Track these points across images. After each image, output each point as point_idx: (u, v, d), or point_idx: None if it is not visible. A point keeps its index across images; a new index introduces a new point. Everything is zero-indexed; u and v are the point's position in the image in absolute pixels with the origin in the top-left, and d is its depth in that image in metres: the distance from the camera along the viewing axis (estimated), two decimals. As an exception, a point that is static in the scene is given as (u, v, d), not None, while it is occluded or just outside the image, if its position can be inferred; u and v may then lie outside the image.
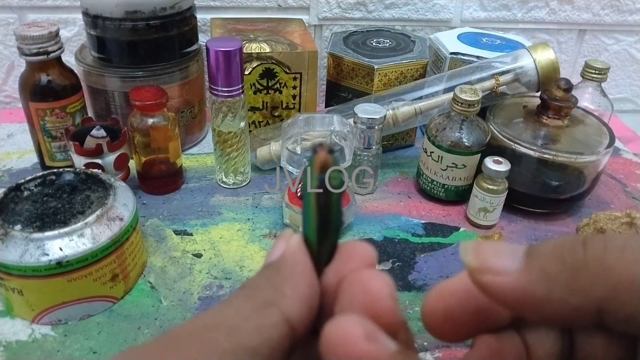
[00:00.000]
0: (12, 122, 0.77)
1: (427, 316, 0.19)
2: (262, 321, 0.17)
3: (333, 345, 0.16)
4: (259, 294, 0.18)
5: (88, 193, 0.49)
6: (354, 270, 0.18)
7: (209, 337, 0.16)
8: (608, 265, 0.16)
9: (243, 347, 0.16)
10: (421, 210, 0.64)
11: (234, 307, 0.17)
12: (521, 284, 0.17)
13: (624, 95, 0.99)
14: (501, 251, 0.18)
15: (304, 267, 0.19)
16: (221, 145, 0.62)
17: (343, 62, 0.69)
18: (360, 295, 0.17)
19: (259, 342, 0.16)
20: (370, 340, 0.16)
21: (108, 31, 0.62)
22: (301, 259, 0.19)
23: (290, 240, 0.19)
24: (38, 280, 0.43)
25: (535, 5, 0.87)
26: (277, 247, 0.20)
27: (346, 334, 0.16)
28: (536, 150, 0.58)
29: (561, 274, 0.16)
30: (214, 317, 0.17)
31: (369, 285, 0.17)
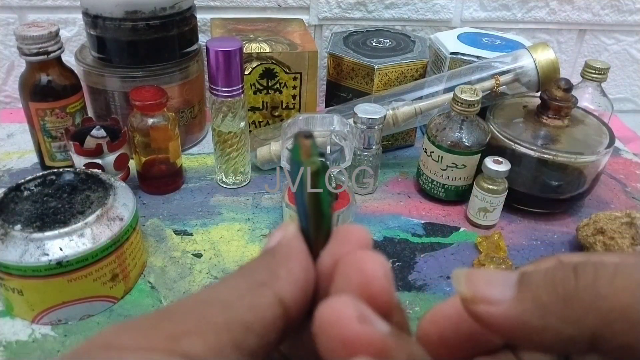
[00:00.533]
0: (12, 122, 0.77)
1: (423, 341, 0.20)
2: (256, 300, 0.17)
3: (325, 326, 0.16)
4: (254, 275, 0.18)
5: (88, 193, 0.49)
6: (350, 252, 0.18)
7: (204, 312, 0.16)
8: (599, 294, 0.16)
9: (237, 322, 0.16)
10: (421, 210, 0.64)
11: (229, 285, 0.18)
12: (514, 314, 0.17)
13: (624, 95, 0.99)
14: (493, 280, 0.18)
15: (298, 252, 0.19)
16: (221, 145, 0.62)
17: (343, 62, 0.69)
18: (355, 276, 0.17)
19: (252, 319, 0.17)
20: (363, 322, 0.16)
21: (108, 31, 0.62)
22: (296, 244, 0.19)
23: (287, 228, 0.20)
24: (38, 280, 0.43)
25: (535, 5, 0.87)
26: (275, 236, 0.20)
27: (339, 315, 0.16)
28: (536, 150, 0.58)
29: (554, 304, 0.16)
30: (208, 294, 0.18)
31: (363, 265, 0.17)
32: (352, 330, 0.15)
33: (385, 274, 0.17)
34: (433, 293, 0.52)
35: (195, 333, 0.16)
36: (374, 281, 0.17)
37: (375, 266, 0.17)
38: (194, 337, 0.16)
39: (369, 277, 0.17)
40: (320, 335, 0.16)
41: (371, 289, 0.17)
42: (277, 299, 0.17)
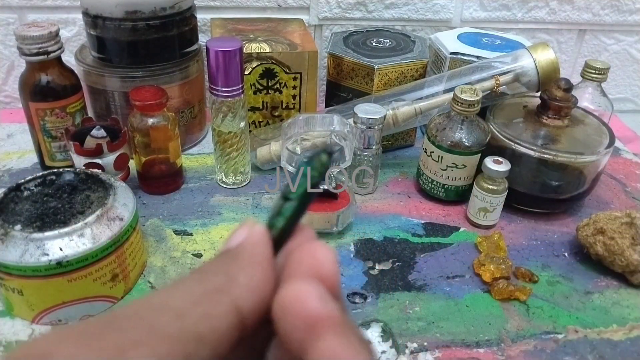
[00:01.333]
0: (12, 122, 0.77)
1: None
2: (211, 308, 0.16)
3: (288, 307, 0.16)
4: (211, 279, 0.17)
5: (88, 193, 0.49)
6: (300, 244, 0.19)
7: (154, 320, 0.16)
8: None
9: (189, 333, 0.16)
10: (421, 210, 0.64)
11: (183, 290, 0.17)
12: None
13: (624, 95, 0.99)
14: None
15: (263, 258, 0.18)
16: (221, 145, 0.62)
17: (343, 62, 0.69)
18: (308, 261, 0.18)
19: (206, 330, 0.16)
20: (323, 301, 0.16)
21: (108, 31, 0.62)
22: (262, 250, 0.18)
23: (253, 229, 0.19)
24: (38, 280, 0.43)
25: (535, 5, 0.87)
26: (238, 234, 0.19)
27: (302, 295, 0.16)
28: (536, 150, 0.58)
29: None
30: (160, 298, 0.17)
31: (315, 252, 0.18)
32: (315, 308, 0.16)
33: (334, 259, 0.18)
34: (433, 293, 0.52)
35: (144, 344, 0.15)
36: (325, 265, 0.18)
37: (326, 252, 0.18)
38: (143, 349, 0.15)
39: (320, 261, 0.18)
40: (282, 317, 0.16)
41: (322, 273, 0.18)
42: (233, 307, 0.17)
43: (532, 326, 0.49)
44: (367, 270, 0.54)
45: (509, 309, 0.51)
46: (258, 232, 0.19)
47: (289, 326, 0.16)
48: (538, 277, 0.54)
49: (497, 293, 0.51)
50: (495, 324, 0.49)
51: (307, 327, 0.16)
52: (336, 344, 0.16)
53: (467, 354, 0.46)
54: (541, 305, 0.51)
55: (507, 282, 0.52)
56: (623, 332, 0.49)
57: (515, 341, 0.47)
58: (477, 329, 0.48)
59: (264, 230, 0.19)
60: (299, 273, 0.18)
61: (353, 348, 0.16)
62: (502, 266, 0.52)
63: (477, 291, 0.52)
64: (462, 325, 0.48)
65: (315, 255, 0.18)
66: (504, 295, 0.51)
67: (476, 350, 0.46)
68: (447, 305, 0.50)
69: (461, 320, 0.49)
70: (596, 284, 0.54)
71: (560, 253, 0.58)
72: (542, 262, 0.57)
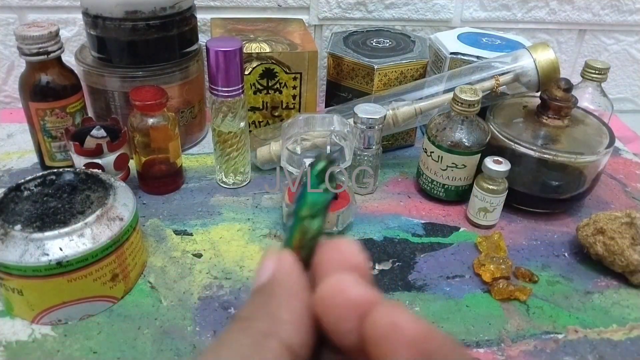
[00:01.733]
0: (12, 122, 0.77)
1: None
2: (263, 356, 0.16)
3: (330, 301, 0.17)
4: (255, 326, 0.17)
5: (88, 193, 0.49)
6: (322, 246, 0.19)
7: None
8: None
9: None
10: (421, 210, 0.64)
11: (231, 346, 0.17)
12: None
13: (624, 95, 0.99)
14: None
15: (299, 287, 0.18)
16: (221, 145, 0.62)
17: (343, 62, 0.69)
18: (335, 257, 0.18)
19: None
20: (360, 285, 0.17)
21: (108, 31, 0.62)
22: (295, 279, 0.18)
23: (282, 259, 0.19)
24: (38, 280, 0.43)
25: (535, 5, 0.87)
26: (266, 268, 0.19)
27: (338, 286, 0.17)
28: (536, 150, 0.58)
29: None
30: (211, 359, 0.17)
31: (339, 247, 0.19)
32: (357, 293, 0.17)
33: (358, 250, 0.19)
34: (433, 293, 0.52)
35: None
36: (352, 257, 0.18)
37: (349, 244, 0.19)
38: None
39: (346, 254, 0.18)
40: (327, 313, 0.17)
41: (351, 264, 0.18)
42: (284, 346, 0.17)
43: (532, 326, 0.49)
44: (367, 270, 0.54)
45: (509, 309, 0.51)
46: (287, 261, 0.19)
47: (336, 320, 0.17)
48: (538, 277, 0.54)
49: (497, 293, 0.51)
50: (495, 324, 0.49)
51: (355, 312, 0.16)
52: (388, 309, 0.16)
53: (467, 354, 0.46)
54: (541, 305, 0.51)
55: (507, 282, 0.52)
56: (623, 332, 0.49)
57: (515, 341, 0.47)
58: (477, 329, 0.48)
59: (292, 257, 0.19)
60: (330, 270, 0.18)
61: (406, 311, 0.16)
62: (502, 266, 0.52)
63: (477, 291, 0.52)
64: (462, 325, 0.48)
65: (340, 249, 0.18)
66: (504, 295, 0.51)
67: (476, 350, 0.46)
68: (447, 305, 0.50)
69: (461, 320, 0.49)
70: (596, 284, 0.54)
71: (560, 253, 0.58)
72: (542, 262, 0.57)
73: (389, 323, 0.16)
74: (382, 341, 0.16)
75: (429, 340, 0.16)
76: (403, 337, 0.16)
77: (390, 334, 0.16)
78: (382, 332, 0.16)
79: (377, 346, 0.16)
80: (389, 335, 0.16)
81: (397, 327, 0.16)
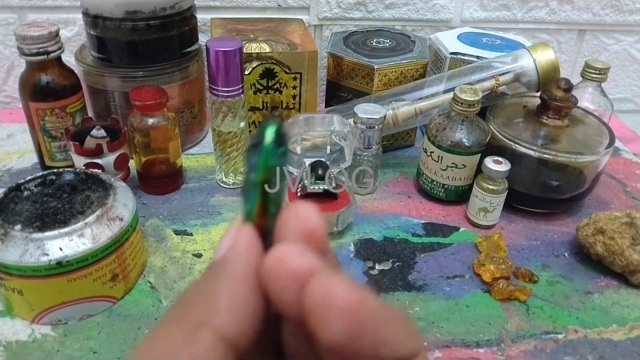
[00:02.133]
0: (12, 122, 0.77)
1: None
2: (194, 349, 0.16)
3: (272, 269, 0.16)
4: (191, 315, 0.16)
5: (88, 193, 0.49)
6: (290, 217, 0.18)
7: None
8: None
9: None
10: (421, 210, 0.64)
11: (164, 337, 0.16)
12: None
13: (624, 95, 0.99)
14: None
15: (247, 268, 0.17)
16: (221, 145, 0.62)
17: (343, 62, 0.69)
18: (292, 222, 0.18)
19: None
20: (304, 256, 0.16)
21: (108, 31, 0.62)
22: (246, 259, 0.17)
23: (238, 235, 0.18)
24: (38, 280, 0.43)
25: (535, 5, 0.87)
26: (224, 242, 0.18)
27: (280, 256, 0.16)
28: (536, 150, 0.58)
29: None
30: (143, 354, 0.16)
31: (297, 211, 0.18)
32: (296, 262, 0.16)
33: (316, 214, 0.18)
34: (433, 293, 0.52)
35: None
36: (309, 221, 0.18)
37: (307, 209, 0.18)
38: None
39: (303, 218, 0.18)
40: (270, 280, 0.16)
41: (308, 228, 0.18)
42: (217, 338, 0.16)
43: (532, 326, 0.49)
44: (367, 270, 0.54)
45: (509, 309, 0.51)
46: (243, 238, 0.18)
47: (278, 292, 0.16)
48: (538, 277, 0.54)
49: (497, 293, 0.51)
50: (495, 324, 0.49)
51: (296, 283, 0.16)
52: (324, 279, 0.16)
53: (467, 354, 0.46)
54: (541, 305, 0.51)
55: (507, 282, 0.52)
56: (623, 332, 0.49)
57: (515, 341, 0.47)
58: (477, 329, 0.48)
59: (249, 233, 0.18)
60: (286, 235, 0.18)
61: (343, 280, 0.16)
62: (502, 266, 0.52)
63: (477, 291, 0.52)
64: (462, 325, 0.48)
65: (298, 213, 0.18)
66: (504, 295, 0.51)
67: (476, 350, 0.46)
68: (447, 305, 0.50)
69: (461, 320, 0.49)
70: (596, 284, 0.54)
71: (560, 253, 0.58)
72: (542, 262, 0.57)
73: (323, 292, 0.15)
74: (315, 311, 0.16)
75: (362, 309, 0.16)
76: (335, 307, 0.15)
77: (323, 304, 0.15)
78: (315, 301, 0.16)
79: (312, 316, 0.16)
80: (321, 305, 0.15)
81: (330, 296, 0.15)
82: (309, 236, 0.17)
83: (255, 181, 0.18)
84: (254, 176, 0.18)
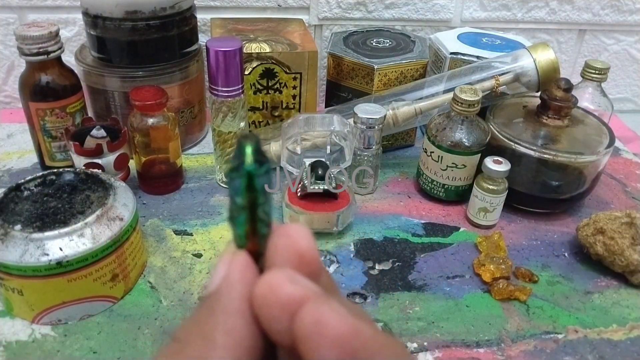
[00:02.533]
0: (12, 122, 0.77)
1: None
2: None
3: (262, 297, 0.16)
4: (187, 351, 0.16)
5: (88, 193, 0.49)
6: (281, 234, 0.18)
7: None
8: None
9: None
10: (421, 210, 0.64)
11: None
12: None
13: (624, 95, 0.99)
14: None
15: (241, 301, 0.17)
16: (221, 145, 0.62)
17: (343, 62, 0.69)
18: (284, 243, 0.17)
19: None
20: (294, 282, 0.16)
21: (108, 31, 0.62)
22: (240, 291, 0.17)
23: (232, 264, 0.17)
24: (38, 280, 0.43)
25: (535, 5, 0.87)
26: (217, 272, 0.18)
27: (271, 283, 0.16)
28: (536, 150, 0.58)
29: None
30: None
31: (288, 232, 0.18)
32: (286, 291, 0.16)
33: (308, 235, 0.18)
34: (433, 293, 0.52)
35: None
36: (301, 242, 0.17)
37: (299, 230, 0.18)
38: None
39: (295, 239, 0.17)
40: (260, 310, 0.16)
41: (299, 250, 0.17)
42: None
43: (532, 326, 0.49)
44: (367, 270, 0.54)
45: (509, 309, 0.51)
46: (236, 268, 0.17)
47: (269, 321, 0.16)
48: (538, 277, 0.54)
49: (497, 293, 0.51)
50: (495, 324, 0.49)
51: (286, 312, 0.16)
52: (315, 307, 0.15)
53: (467, 354, 0.46)
54: (541, 305, 0.51)
55: (507, 282, 0.52)
56: (623, 332, 0.49)
57: (515, 341, 0.47)
58: (477, 329, 0.48)
59: (244, 261, 0.17)
60: (277, 258, 0.17)
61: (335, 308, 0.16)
62: (502, 266, 0.52)
63: (477, 291, 0.52)
64: (462, 325, 0.48)
65: (289, 234, 0.18)
66: (504, 295, 0.51)
67: (476, 350, 0.46)
68: (447, 305, 0.50)
69: (461, 320, 0.49)
70: (596, 284, 0.54)
71: (560, 253, 0.58)
72: (542, 262, 0.57)
73: (314, 321, 0.15)
74: (307, 341, 0.15)
75: (355, 338, 0.15)
76: (327, 336, 0.15)
77: (314, 333, 0.15)
78: (306, 331, 0.15)
79: (304, 346, 0.15)
80: (313, 334, 0.15)
81: (321, 325, 0.15)
82: (300, 259, 0.17)
83: (241, 205, 0.17)
84: (240, 200, 0.17)
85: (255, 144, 0.17)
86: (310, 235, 0.18)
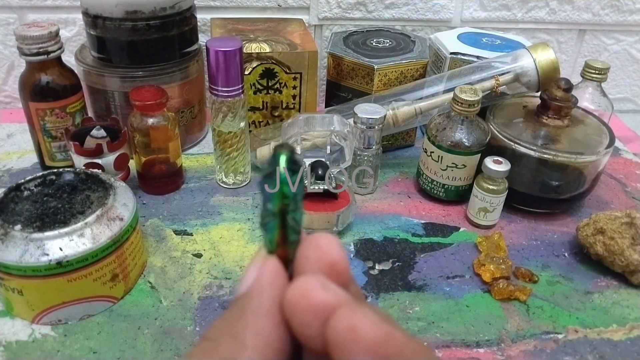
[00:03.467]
0: (12, 122, 0.77)
1: None
2: None
3: (295, 303, 0.16)
4: (218, 351, 0.16)
5: (88, 193, 0.49)
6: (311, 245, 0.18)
7: None
8: None
9: None
10: (421, 210, 0.64)
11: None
12: None
13: (624, 95, 0.99)
14: None
15: (272, 303, 0.17)
16: (221, 145, 0.62)
17: (343, 62, 0.69)
18: (313, 254, 0.18)
19: None
20: (326, 289, 0.16)
21: (108, 31, 0.62)
22: (271, 294, 0.17)
23: (263, 268, 0.18)
24: (38, 280, 0.43)
25: (535, 5, 0.87)
26: (247, 277, 0.18)
27: (305, 288, 0.16)
28: (536, 150, 0.58)
29: None
30: None
31: (318, 242, 0.18)
32: (319, 297, 0.16)
33: (337, 245, 0.18)
34: (433, 293, 0.52)
35: None
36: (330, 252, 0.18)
37: (328, 240, 0.18)
38: None
39: (325, 250, 0.18)
40: (292, 314, 0.16)
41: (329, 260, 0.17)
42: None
43: (532, 326, 0.49)
44: (367, 270, 0.54)
45: (509, 309, 0.51)
46: (267, 272, 0.18)
47: (301, 326, 0.16)
48: (538, 277, 0.54)
49: (497, 293, 0.51)
50: (495, 324, 0.49)
51: (318, 317, 0.16)
52: (348, 313, 0.16)
53: (467, 354, 0.46)
54: (541, 305, 0.51)
55: (507, 282, 0.52)
56: (623, 332, 0.49)
57: (515, 341, 0.47)
58: (477, 329, 0.48)
59: (275, 266, 0.18)
60: (307, 269, 0.18)
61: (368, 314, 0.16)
62: (502, 266, 0.52)
63: (477, 291, 0.52)
64: (462, 325, 0.48)
65: (319, 245, 0.18)
66: (504, 295, 0.51)
67: (476, 350, 0.46)
68: (447, 305, 0.50)
69: (461, 320, 0.49)
70: (596, 284, 0.54)
71: (560, 253, 0.58)
72: (542, 262, 0.57)
73: (347, 327, 0.15)
74: (341, 346, 0.15)
75: (388, 344, 0.15)
76: (361, 342, 0.15)
77: (348, 339, 0.15)
78: (340, 337, 0.15)
79: (337, 351, 0.16)
80: (347, 340, 0.15)
81: (354, 331, 0.15)
82: (330, 268, 0.17)
83: (273, 211, 0.18)
84: (271, 206, 0.18)
85: (290, 153, 0.18)
86: (340, 245, 0.18)
